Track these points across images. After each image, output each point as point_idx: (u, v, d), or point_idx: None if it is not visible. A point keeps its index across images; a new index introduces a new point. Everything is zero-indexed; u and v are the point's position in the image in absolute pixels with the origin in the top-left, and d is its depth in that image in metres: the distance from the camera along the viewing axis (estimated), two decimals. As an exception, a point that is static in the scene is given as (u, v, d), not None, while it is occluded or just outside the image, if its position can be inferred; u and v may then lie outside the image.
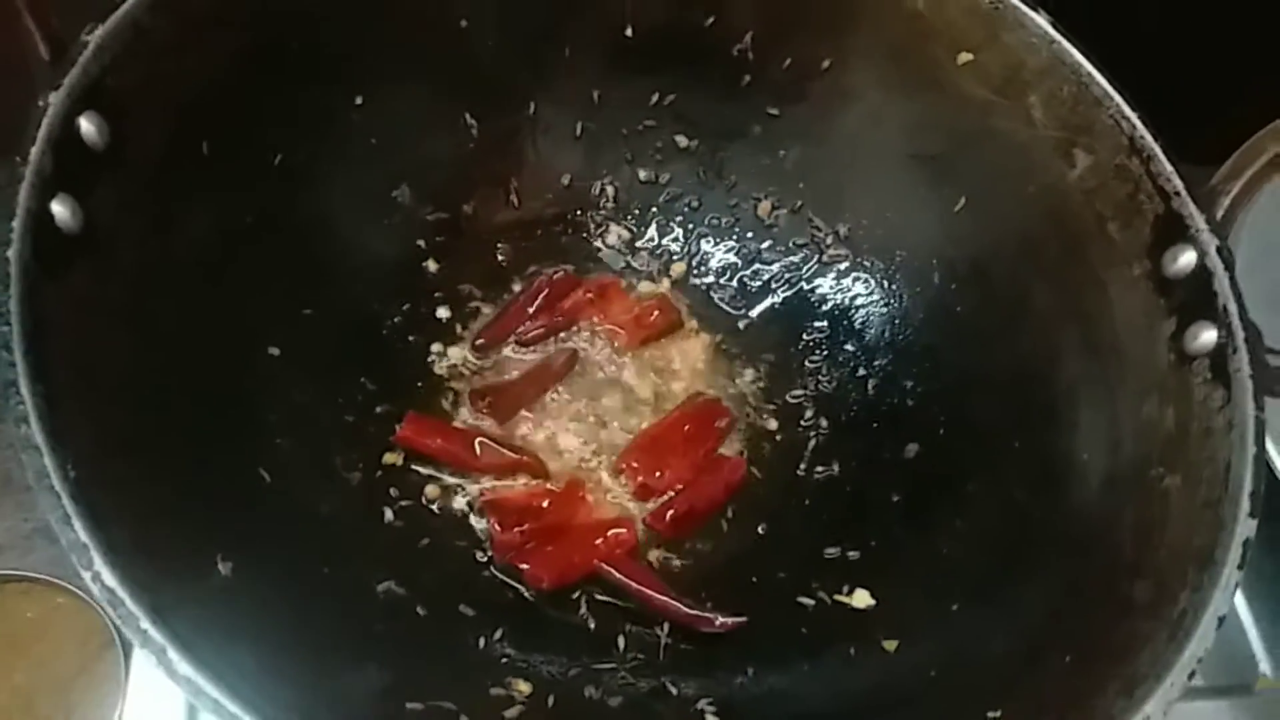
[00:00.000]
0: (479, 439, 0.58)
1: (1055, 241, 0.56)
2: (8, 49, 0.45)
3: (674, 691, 0.50)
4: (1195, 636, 0.41)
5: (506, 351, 0.63)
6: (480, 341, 0.63)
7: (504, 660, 0.50)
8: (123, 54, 0.45)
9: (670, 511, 0.58)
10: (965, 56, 0.57)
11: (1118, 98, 0.53)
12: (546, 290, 0.64)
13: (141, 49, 0.46)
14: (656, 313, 0.66)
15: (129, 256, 0.46)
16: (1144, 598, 0.44)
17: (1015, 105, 0.56)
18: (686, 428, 0.62)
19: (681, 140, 0.67)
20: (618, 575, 0.54)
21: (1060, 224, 0.55)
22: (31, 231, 0.40)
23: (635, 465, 0.59)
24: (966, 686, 0.46)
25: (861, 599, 0.54)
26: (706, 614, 0.53)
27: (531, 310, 0.64)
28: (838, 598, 0.55)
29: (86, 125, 0.43)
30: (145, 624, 0.34)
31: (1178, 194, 0.50)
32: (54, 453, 0.36)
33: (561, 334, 0.64)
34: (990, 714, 0.43)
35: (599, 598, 0.55)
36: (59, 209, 0.42)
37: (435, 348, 0.63)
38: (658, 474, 0.59)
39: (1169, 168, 0.51)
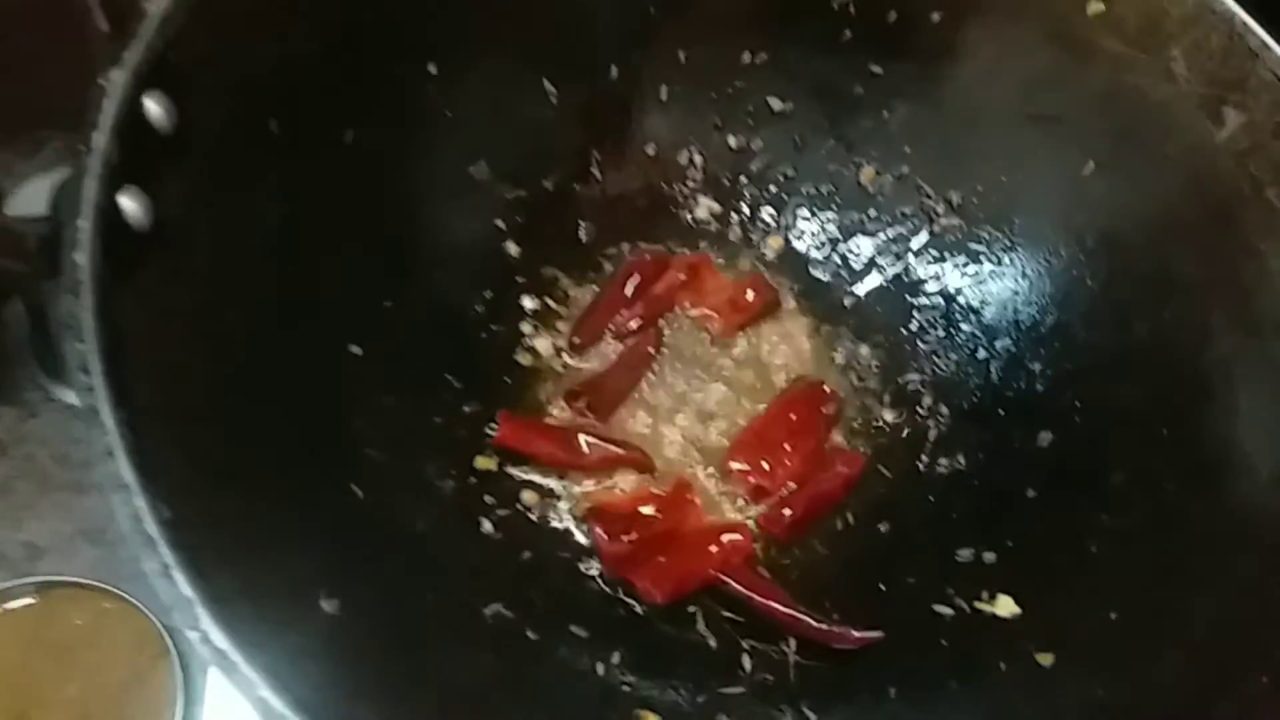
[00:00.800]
0: (583, 435, 0.54)
1: (1200, 208, 0.51)
2: (63, 19, 0.40)
3: (812, 716, 0.46)
4: None
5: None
6: (576, 340, 0.59)
7: (626, 688, 0.46)
8: (188, 25, 0.40)
9: (787, 511, 0.53)
10: (1096, 7, 0.52)
11: (1277, 48, 0.47)
12: (636, 276, 0.59)
13: (206, 18, 0.41)
14: (752, 293, 0.61)
15: (201, 253, 0.41)
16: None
17: (1153, 59, 0.51)
18: (792, 417, 0.57)
19: (775, 103, 0.61)
20: (738, 588, 0.50)
21: (1206, 189, 0.50)
22: (101, 230, 0.35)
23: (745, 466, 0.55)
24: (1143, 710, 0.42)
25: (1005, 606, 0.50)
26: (838, 629, 0.49)
27: (624, 300, 0.59)
28: (978, 605, 0.50)
29: (153, 107, 0.38)
30: (264, 691, 0.30)
31: (1350, 153, 0.45)
32: (146, 491, 0.32)
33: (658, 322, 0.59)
34: (1179, 744, 0.39)
35: (717, 611, 0.51)
36: (128, 203, 0.37)
37: (522, 338, 0.58)
38: (769, 472, 0.55)
39: (1338, 123, 0.45)
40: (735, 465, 0.55)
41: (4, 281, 0.57)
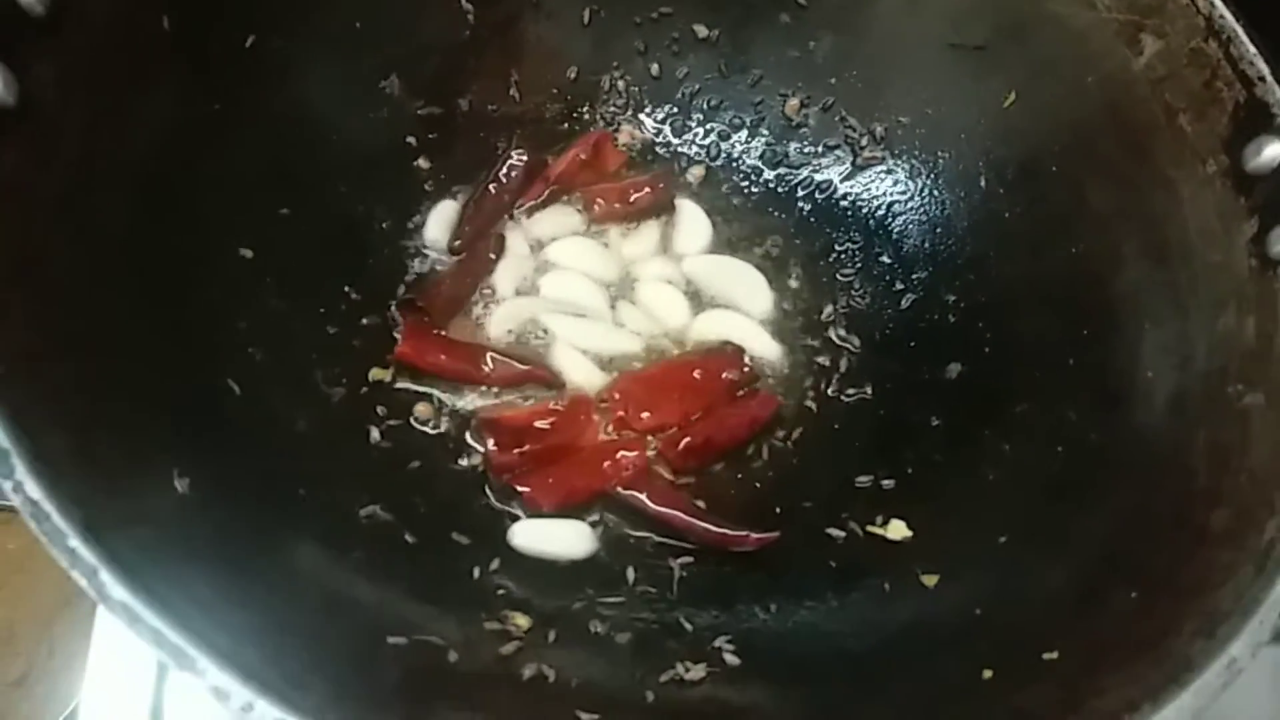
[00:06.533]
0: (488, 352, 0.54)
1: (1116, 138, 0.50)
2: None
3: (689, 627, 0.46)
4: (1288, 567, 0.36)
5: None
6: (456, 244, 0.58)
7: (500, 592, 0.46)
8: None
9: (686, 440, 0.53)
10: (1019, -66, 0.51)
11: (1193, -27, 0.47)
12: (518, 167, 0.59)
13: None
14: (646, 191, 0.60)
15: (74, 140, 0.41)
16: (1222, 526, 0.40)
17: (1074, -15, 0.50)
18: (695, 373, 0.56)
19: (700, 29, 0.61)
20: (635, 495, 0.49)
21: (1122, 117, 0.50)
22: (-49, 95, 0.35)
23: (619, 397, 0.54)
24: (1017, 626, 0.42)
25: (897, 530, 0.50)
26: (735, 532, 0.48)
27: (509, 192, 0.59)
28: (871, 529, 0.50)
29: (21, -15, 0.38)
30: (74, 541, 0.30)
31: (1262, 79, 0.45)
32: (-29, 345, 0.32)
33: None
34: (1045, 656, 0.38)
35: (610, 523, 0.51)
36: (-12, 75, 0.36)
37: (426, 255, 0.58)
38: (642, 414, 0.54)
39: (1251, 50, 0.45)
40: (610, 396, 0.54)
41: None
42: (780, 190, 0.62)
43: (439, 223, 0.58)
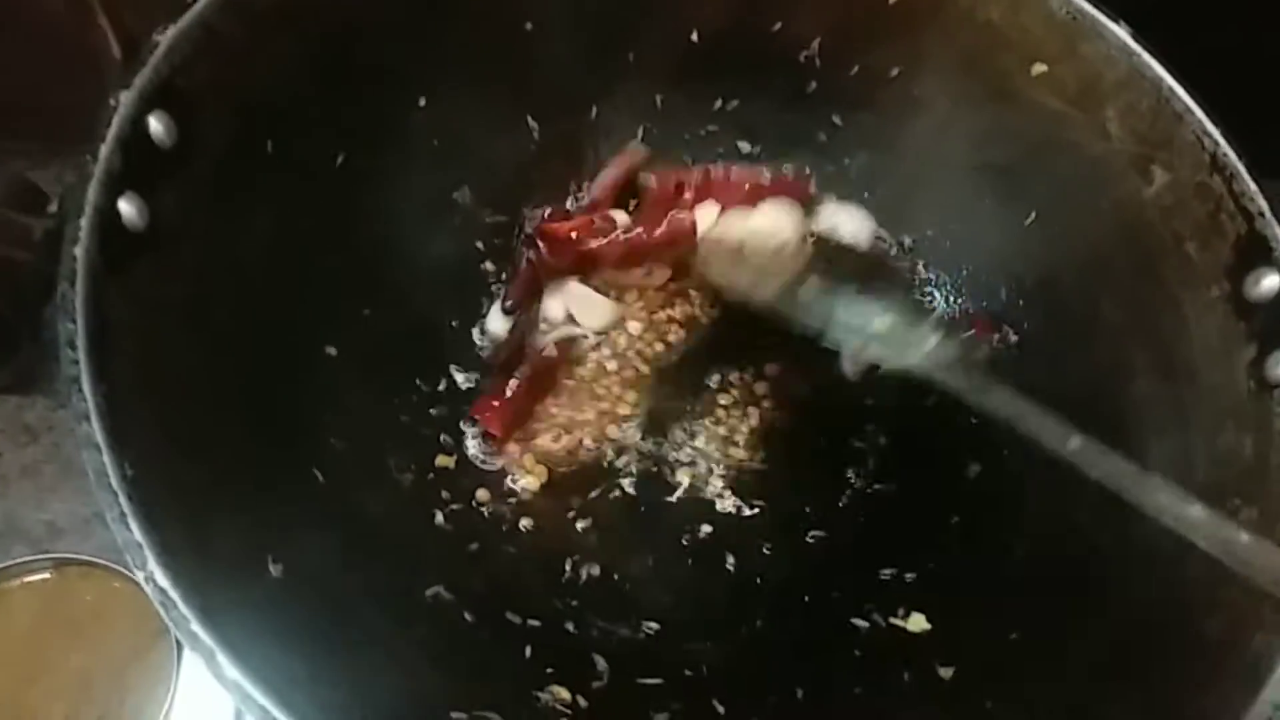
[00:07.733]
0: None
1: (1128, 259, 0.54)
2: (82, 47, 0.46)
3: (721, 710, 0.49)
4: (1270, 682, 0.39)
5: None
6: (508, 304, 0.63)
7: (549, 670, 0.49)
8: (192, 54, 0.45)
9: None
10: (1039, 68, 0.56)
11: (1199, 113, 0.50)
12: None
13: (210, 50, 0.46)
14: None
15: (191, 255, 0.45)
16: (1216, 635, 0.42)
17: (1090, 118, 0.54)
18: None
19: (744, 146, 0.66)
20: None
21: (1134, 241, 0.53)
22: (99, 229, 0.40)
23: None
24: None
25: (917, 623, 0.53)
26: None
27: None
28: (893, 621, 0.53)
29: (155, 125, 0.43)
30: (196, 626, 0.35)
31: (1262, 214, 0.48)
32: (113, 451, 0.37)
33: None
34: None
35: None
36: (126, 207, 0.41)
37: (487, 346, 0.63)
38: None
39: (1252, 186, 0.49)
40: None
41: (46, 281, 0.62)
42: (815, 296, 0.67)
43: (499, 319, 0.63)
